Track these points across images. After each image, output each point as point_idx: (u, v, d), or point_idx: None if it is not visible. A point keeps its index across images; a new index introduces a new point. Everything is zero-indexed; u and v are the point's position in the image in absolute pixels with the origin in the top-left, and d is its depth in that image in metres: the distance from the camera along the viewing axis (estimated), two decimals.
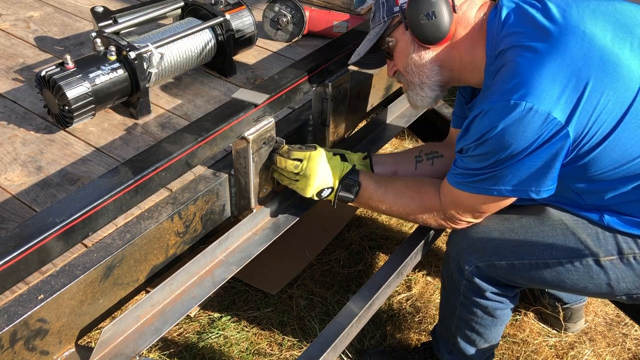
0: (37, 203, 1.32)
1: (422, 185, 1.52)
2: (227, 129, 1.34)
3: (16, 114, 1.61)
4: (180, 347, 2.00)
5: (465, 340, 1.71)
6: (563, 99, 1.19)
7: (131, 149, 1.50)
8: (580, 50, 1.22)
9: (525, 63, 1.22)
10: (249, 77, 1.83)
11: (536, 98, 1.18)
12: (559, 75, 1.20)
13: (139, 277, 1.31)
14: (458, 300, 1.63)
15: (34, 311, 1.07)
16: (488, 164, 1.29)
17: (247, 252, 1.47)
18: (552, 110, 1.18)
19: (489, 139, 1.25)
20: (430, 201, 1.49)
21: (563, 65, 1.21)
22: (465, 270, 1.54)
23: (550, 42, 1.23)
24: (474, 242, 1.53)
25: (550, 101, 1.19)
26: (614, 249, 1.39)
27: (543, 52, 1.22)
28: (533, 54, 1.23)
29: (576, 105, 1.20)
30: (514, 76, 1.22)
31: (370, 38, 1.46)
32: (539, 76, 1.20)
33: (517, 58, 1.24)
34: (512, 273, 1.50)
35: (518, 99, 1.19)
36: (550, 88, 1.19)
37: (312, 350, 1.41)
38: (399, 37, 1.42)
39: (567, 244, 1.43)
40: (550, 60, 1.21)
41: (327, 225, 2.47)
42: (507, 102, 1.20)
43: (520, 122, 1.20)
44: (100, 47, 1.53)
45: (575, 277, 1.44)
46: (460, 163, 1.37)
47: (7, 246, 1.01)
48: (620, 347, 2.08)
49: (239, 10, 1.77)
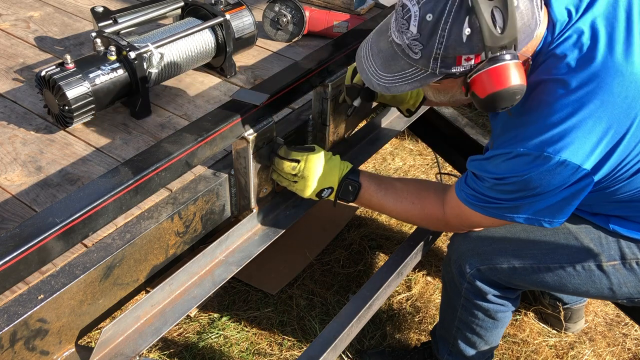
0: (37, 203, 1.32)
1: (423, 191, 1.48)
2: (227, 129, 1.34)
3: (16, 114, 1.61)
4: (180, 347, 2.00)
5: (466, 342, 1.71)
6: (597, 152, 1.16)
7: (131, 149, 1.50)
8: (625, 96, 1.15)
9: (563, 110, 1.15)
10: (249, 77, 1.83)
11: (571, 153, 1.15)
12: (597, 127, 1.15)
13: (139, 277, 1.31)
14: (459, 303, 1.63)
15: (34, 311, 1.07)
16: (506, 198, 1.27)
17: (247, 252, 1.47)
18: (583, 163, 1.16)
19: (513, 182, 1.22)
20: (431, 209, 1.47)
21: (603, 116, 1.14)
22: (466, 273, 1.54)
23: (593, 83, 1.14)
24: (475, 245, 1.52)
25: (584, 155, 1.15)
26: (616, 254, 1.39)
27: (583, 98, 1.14)
28: (573, 100, 1.15)
29: (608, 155, 1.17)
30: (551, 125, 1.15)
31: (407, 79, 1.21)
32: (577, 129, 1.14)
33: (556, 101, 1.16)
34: (514, 276, 1.50)
35: (552, 153, 1.15)
36: (586, 142, 1.15)
37: (312, 350, 1.41)
38: (446, 82, 1.23)
39: (570, 248, 1.43)
40: (591, 109, 1.14)
41: (327, 225, 2.47)
42: (540, 153, 1.16)
43: (549, 172, 1.17)
44: (100, 47, 1.53)
45: (577, 282, 1.44)
46: (473, 185, 1.31)
47: (7, 246, 1.01)
48: (620, 347, 2.08)
49: (239, 10, 1.77)
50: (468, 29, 1.08)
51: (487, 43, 1.09)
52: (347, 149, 1.83)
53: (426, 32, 1.11)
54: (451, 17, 1.08)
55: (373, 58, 1.25)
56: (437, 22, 1.09)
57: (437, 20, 1.09)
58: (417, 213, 1.49)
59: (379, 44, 1.25)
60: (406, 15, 1.13)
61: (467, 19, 1.07)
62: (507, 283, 1.54)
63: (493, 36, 1.08)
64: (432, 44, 1.11)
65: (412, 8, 1.12)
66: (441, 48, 1.11)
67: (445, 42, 1.10)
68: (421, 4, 1.11)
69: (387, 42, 1.22)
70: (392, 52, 1.21)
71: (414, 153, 2.98)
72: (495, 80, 1.11)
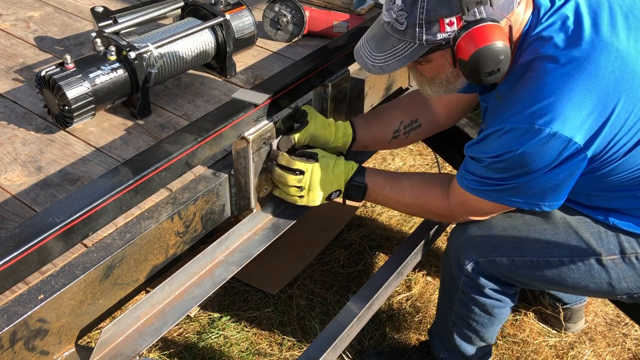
0: (37, 203, 1.32)
1: (428, 185, 1.51)
2: (227, 129, 1.34)
3: (16, 114, 1.61)
4: (180, 347, 2.00)
5: (462, 337, 1.71)
6: (587, 124, 1.17)
7: (131, 149, 1.50)
8: (612, 70, 1.18)
9: (552, 84, 1.18)
10: (249, 77, 1.83)
11: (561, 124, 1.16)
12: (587, 100, 1.17)
13: (139, 277, 1.31)
14: (456, 297, 1.63)
15: (34, 311, 1.07)
16: (504, 177, 1.29)
17: (247, 252, 1.47)
18: (574, 136, 1.17)
19: (508, 158, 1.24)
20: (435, 202, 1.49)
21: (592, 88, 1.17)
22: (464, 265, 1.55)
23: (580, 59, 1.18)
24: (475, 237, 1.53)
25: (574, 127, 1.17)
26: (616, 249, 1.39)
27: (572, 72, 1.17)
28: (561, 73, 1.18)
29: (599, 129, 1.19)
30: (540, 98, 1.18)
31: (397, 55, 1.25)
32: (566, 101, 1.16)
33: (545, 75, 1.19)
34: (513, 270, 1.50)
35: (543, 125, 1.17)
36: (576, 114, 1.17)
37: (312, 350, 1.41)
38: (436, 58, 1.27)
39: (569, 242, 1.43)
40: (579, 82, 1.17)
41: (327, 225, 2.47)
42: (530, 126, 1.18)
43: (542, 145, 1.19)
44: (100, 47, 1.53)
45: (577, 276, 1.44)
46: (472, 169, 1.34)
47: (7, 246, 1.01)
48: (620, 347, 2.08)
49: (239, 10, 1.77)
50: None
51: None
52: None
53: (409, 1, 1.18)
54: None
55: (368, 43, 1.32)
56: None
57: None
58: (421, 207, 1.53)
59: (372, 30, 1.32)
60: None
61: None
62: (506, 278, 1.54)
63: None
64: (415, 10, 1.18)
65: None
66: (423, 12, 1.17)
67: (427, 5, 1.16)
68: None
69: (379, 26, 1.29)
70: (383, 32, 1.27)
71: (414, 153, 2.99)
72: (478, 39, 1.15)
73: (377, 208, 2.60)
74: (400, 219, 2.57)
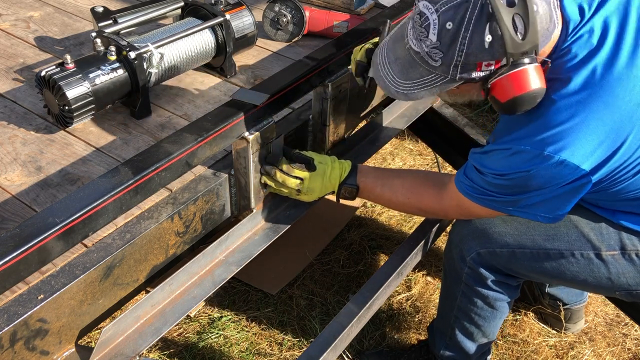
0: (37, 203, 1.32)
1: (420, 186, 1.51)
2: (227, 129, 1.34)
3: (16, 114, 1.61)
4: (180, 347, 2.00)
5: (464, 333, 1.71)
6: (597, 153, 1.16)
7: (131, 149, 1.50)
8: (628, 100, 1.14)
9: (566, 111, 1.15)
10: (249, 77, 1.83)
11: (571, 153, 1.15)
12: (599, 129, 1.15)
13: (139, 277, 1.31)
14: (459, 289, 1.63)
15: (34, 311, 1.07)
16: (504, 192, 1.28)
17: (247, 252, 1.47)
18: (582, 164, 1.16)
19: (512, 178, 1.23)
20: (427, 203, 1.49)
21: (606, 118, 1.14)
22: (467, 256, 1.55)
23: (597, 85, 1.14)
24: (476, 228, 1.53)
25: (584, 156, 1.16)
26: (616, 245, 1.40)
27: (587, 99, 1.14)
28: (577, 100, 1.15)
29: (608, 158, 1.18)
30: (553, 124, 1.16)
31: (426, 85, 1.20)
32: (578, 130, 1.14)
33: (559, 100, 1.16)
34: (513, 262, 1.51)
35: (552, 152, 1.15)
36: (587, 143, 1.15)
37: (312, 350, 1.41)
38: (465, 86, 1.22)
39: (569, 236, 1.43)
40: (594, 111, 1.14)
41: (327, 225, 2.47)
42: (540, 151, 1.16)
43: (548, 170, 1.18)
44: (100, 47, 1.53)
45: (576, 269, 1.45)
46: (473, 176, 1.33)
47: (7, 246, 1.01)
48: (620, 347, 2.08)
49: (239, 10, 1.77)
50: (489, 36, 1.08)
51: (508, 50, 1.09)
52: (347, 149, 1.83)
53: (446, 40, 1.11)
54: (472, 25, 1.08)
55: (390, 66, 1.25)
56: (457, 30, 1.09)
57: (458, 28, 1.09)
58: (414, 207, 1.54)
59: (395, 51, 1.24)
60: (424, 23, 1.13)
61: (487, 26, 1.07)
62: (507, 269, 1.55)
63: (515, 43, 1.08)
64: (452, 51, 1.11)
65: (431, 16, 1.11)
66: (462, 56, 1.11)
67: (466, 49, 1.10)
68: (440, 12, 1.10)
69: (404, 50, 1.21)
70: (409, 59, 1.20)
71: (414, 153, 2.99)
72: (517, 85, 1.12)
73: (377, 208, 2.60)
74: (400, 219, 2.56)
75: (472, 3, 1.08)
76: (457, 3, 1.09)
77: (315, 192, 1.50)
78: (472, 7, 1.08)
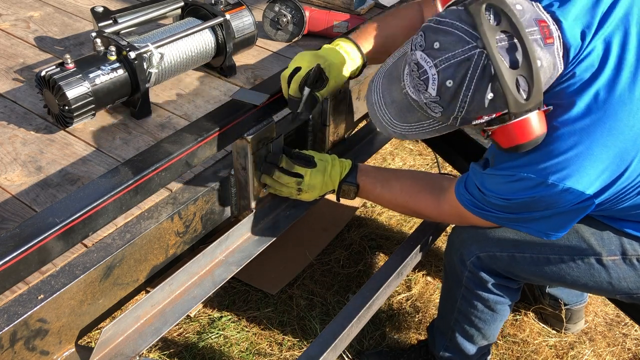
0: (37, 203, 1.32)
1: (418, 193, 1.50)
2: (227, 129, 1.34)
3: (16, 114, 1.61)
4: (180, 347, 2.00)
5: (464, 335, 1.71)
6: (601, 179, 1.16)
7: (131, 149, 1.50)
8: (632, 125, 1.13)
9: (569, 139, 1.13)
10: (249, 77, 1.83)
11: (575, 181, 1.14)
12: (603, 156, 1.13)
13: (139, 277, 1.31)
14: (459, 293, 1.63)
15: (34, 311, 1.07)
16: (507, 211, 1.28)
17: (247, 252, 1.47)
18: (586, 190, 1.16)
19: (515, 202, 1.23)
20: (425, 208, 1.50)
21: (610, 145, 1.13)
22: (467, 260, 1.55)
23: (599, 110, 1.12)
24: (476, 232, 1.53)
25: (588, 182, 1.15)
26: (617, 250, 1.39)
27: (590, 127, 1.12)
28: (579, 127, 1.13)
29: (612, 183, 1.17)
30: (556, 153, 1.14)
31: (424, 129, 1.20)
32: (582, 159, 1.13)
33: (561, 127, 1.14)
34: (513, 266, 1.51)
35: (556, 181, 1.15)
36: (591, 170, 1.14)
37: (312, 350, 1.41)
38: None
39: (570, 241, 1.43)
40: (597, 138, 1.12)
41: (327, 225, 2.47)
42: (543, 179, 1.16)
43: (551, 197, 1.17)
44: (100, 47, 1.53)
45: (576, 274, 1.44)
46: (474, 192, 1.32)
47: (7, 246, 1.01)
48: (620, 347, 2.08)
49: (239, 10, 1.77)
50: (491, 94, 1.06)
51: (511, 110, 1.06)
52: (347, 149, 1.83)
53: (447, 97, 1.08)
54: (473, 85, 1.05)
55: (387, 108, 1.22)
56: (458, 88, 1.06)
57: (459, 87, 1.06)
58: (412, 211, 1.56)
59: (391, 93, 1.21)
60: (422, 76, 1.09)
61: (489, 86, 1.05)
62: (507, 273, 1.55)
63: (518, 103, 1.06)
64: (452, 107, 1.09)
65: (429, 70, 1.08)
66: (462, 112, 1.09)
67: (467, 106, 1.08)
68: (439, 68, 1.07)
69: (401, 94, 1.18)
70: (407, 104, 1.17)
71: (414, 153, 2.98)
72: (520, 134, 1.11)
73: (377, 208, 2.60)
74: (400, 219, 2.56)
75: (473, 62, 1.04)
76: (458, 61, 1.05)
77: (316, 190, 1.49)
78: (473, 67, 1.04)
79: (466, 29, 1.05)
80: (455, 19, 1.07)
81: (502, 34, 1.04)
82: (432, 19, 1.11)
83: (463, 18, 1.06)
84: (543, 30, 1.07)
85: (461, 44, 1.05)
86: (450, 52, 1.05)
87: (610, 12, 1.16)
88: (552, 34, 1.09)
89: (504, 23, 1.04)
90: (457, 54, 1.05)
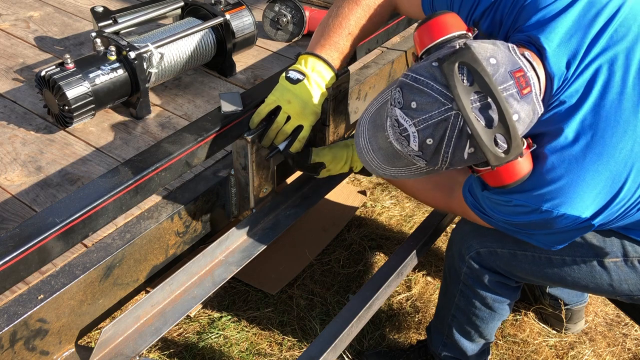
0: (37, 203, 1.32)
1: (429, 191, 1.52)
2: (227, 129, 1.34)
3: (16, 114, 1.61)
4: (180, 347, 2.00)
5: (461, 332, 1.71)
6: (596, 202, 1.16)
7: (131, 149, 1.50)
8: (622, 147, 1.13)
9: (560, 167, 1.14)
10: (249, 77, 1.83)
11: (569, 207, 1.15)
12: (596, 180, 1.14)
13: (139, 277, 1.31)
14: (457, 289, 1.63)
15: (34, 311, 1.07)
16: (509, 225, 1.30)
17: (247, 252, 1.47)
18: (582, 214, 1.16)
19: (515, 222, 1.26)
20: (435, 203, 1.56)
21: (602, 169, 1.13)
22: (466, 255, 1.55)
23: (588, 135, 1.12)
24: (478, 228, 1.53)
25: (582, 208, 1.16)
26: (619, 251, 1.39)
27: (580, 154, 1.13)
28: (569, 154, 1.13)
29: (607, 204, 1.17)
30: (548, 181, 1.15)
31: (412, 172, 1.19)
32: (575, 186, 1.14)
33: (551, 155, 1.15)
34: (514, 264, 1.51)
35: (551, 208, 1.16)
36: (585, 196, 1.15)
37: (312, 350, 1.41)
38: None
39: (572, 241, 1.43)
40: (589, 164, 1.13)
41: (327, 225, 2.47)
42: (538, 207, 1.17)
43: (548, 222, 1.19)
44: (100, 47, 1.53)
45: (577, 275, 1.44)
46: (478, 198, 1.32)
47: (7, 246, 1.01)
48: (620, 347, 2.08)
49: (239, 10, 1.77)
50: (471, 149, 1.06)
51: (492, 164, 1.06)
52: None
53: (428, 152, 1.08)
54: (452, 143, 1.05)
55: (374, 153, 1.21)
56: (438, 145, 1.06)
57: (439, 144, 1.06)
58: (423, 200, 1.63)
59: (377, 140, 1.20)
60: (404, 133, 1.09)
61: (468, 142, 1.05)
62: (506, 272, 1.55)
63: (498, 158, 1.06)
64: (435, 160, 1.09)
65: (409, 128, 1.08)
66: (446, 163, 1.09)
67: (450, 159, 1.08)
68: (419, 127, 1.06)
69: (386, 142, 1.17)
70: (393, 151, 1.17)
71: None
72: (506, 176, 1.13)
73: (377, 208, 2.60)
74: (400, 219, 2.56)
75: (450, 124, 1.04)
76: (435, 122, 1.05)
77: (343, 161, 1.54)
78: (450, 127, 1.04)
79: (441, 90, 1.04)
80: (430, 78, 1.06)
81: (475, 95, 1.03)
82: (409, 75, 1.09)
83: (437, 78, 1.05)
84: (519, 81, 1.05)
85: (437, 104, 1.04)
86: (427, 113, 1.05)
87: (600, 35, 1.14)
88: (529, 81, 1.06)
89: (477, 83, 1.03)
90: (434, 115, 1.05)
